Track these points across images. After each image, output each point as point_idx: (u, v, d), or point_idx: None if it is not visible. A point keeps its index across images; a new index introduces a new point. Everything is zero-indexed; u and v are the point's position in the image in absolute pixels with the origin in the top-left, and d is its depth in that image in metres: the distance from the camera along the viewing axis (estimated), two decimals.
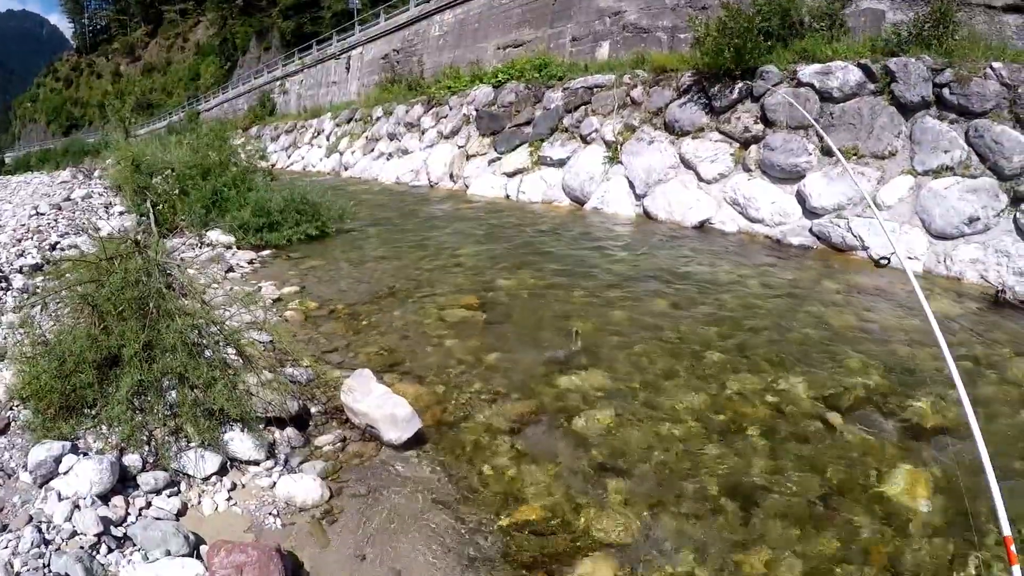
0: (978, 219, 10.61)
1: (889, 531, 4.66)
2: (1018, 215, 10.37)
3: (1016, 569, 2.80)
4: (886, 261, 5.39)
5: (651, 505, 4.84)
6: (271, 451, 5.07)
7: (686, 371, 6.97)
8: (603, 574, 4.18)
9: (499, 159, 20.93)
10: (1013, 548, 2.89)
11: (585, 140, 18.41)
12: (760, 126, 14.29)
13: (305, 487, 4.68)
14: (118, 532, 3.96)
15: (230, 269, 10.83)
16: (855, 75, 13.11)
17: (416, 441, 5.47)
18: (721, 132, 15.13)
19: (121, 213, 15.70)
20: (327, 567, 4.10)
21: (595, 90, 19.06)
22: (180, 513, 4.33)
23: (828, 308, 8.99)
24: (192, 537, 3.98)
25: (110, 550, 3.80)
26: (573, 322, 8.29)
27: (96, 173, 27.32)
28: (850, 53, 13.76)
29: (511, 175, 19.92)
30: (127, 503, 4.21)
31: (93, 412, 4.77)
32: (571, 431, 5.84)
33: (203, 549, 3.91)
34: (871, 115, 12.64)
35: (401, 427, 5.40)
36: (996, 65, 11.55)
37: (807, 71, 13.81)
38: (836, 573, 4.27)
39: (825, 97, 13.40)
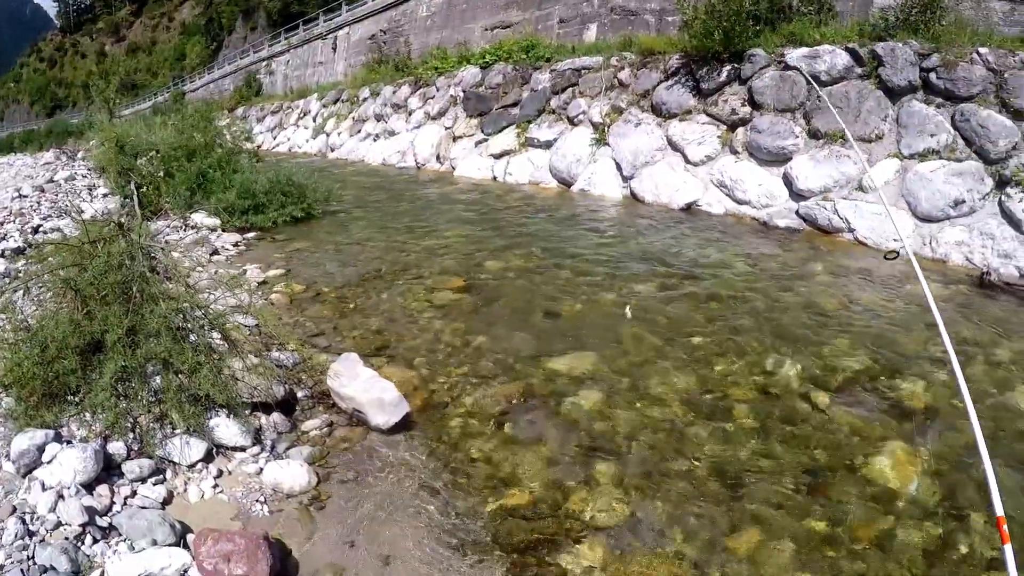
0: (964, 202, 10.66)
1: (878, 511, 4.68)
2: (1003, 198, 10.42)
3: (1008, 548, 2.80)
4: (894, 255, 5.34)
5: (640, 488, 4.85)
6: (257, 437, 5.04)
7: (674, 353, 6.98)
8: (593, 557, 4.19)
9: (486, 140, 20.82)
10: (1005, 528, 2.89)
11: (572, 122, 18.35)
12: (747, 108, 14.26)
13: (292, 473, 4.66)
14: (103, 522, 3.92)
15: (215, 252, 10.75)
16: (843, 59, 13.10)
17: (404, 425, 5.46)
18: (708, 114, 15.10)
19: (105, 195, 15.57)
20: (315, 554, 4.09)
21: (582, 72, 18.97)
22: (166, 501, 4.30)
23: (815, 290, 9.02)
24: (178, 526, 3.95)
25: (95, 541, 3.77)
26: (561, 304, 8.32)
27: (80, 154, 27.08)
28: (838, 37, 13.75)
29: (498, 157, 19.83)
30: (112, 492, 4.18)
31: (77, 399, 4.73)
32: (559, 414, 5.84)
33: (190, 538, 3.89)
34: (858, 99, 12.62)
35: (388, 411, 5.39)
36: (983, 50, 11.58)
37: (795, 55, 13.78)
38: (825, 553, 4.29)
39: (812, 80, 13.27)
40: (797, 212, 12.44)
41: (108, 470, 4.34)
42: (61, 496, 3.94)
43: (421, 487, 4.80)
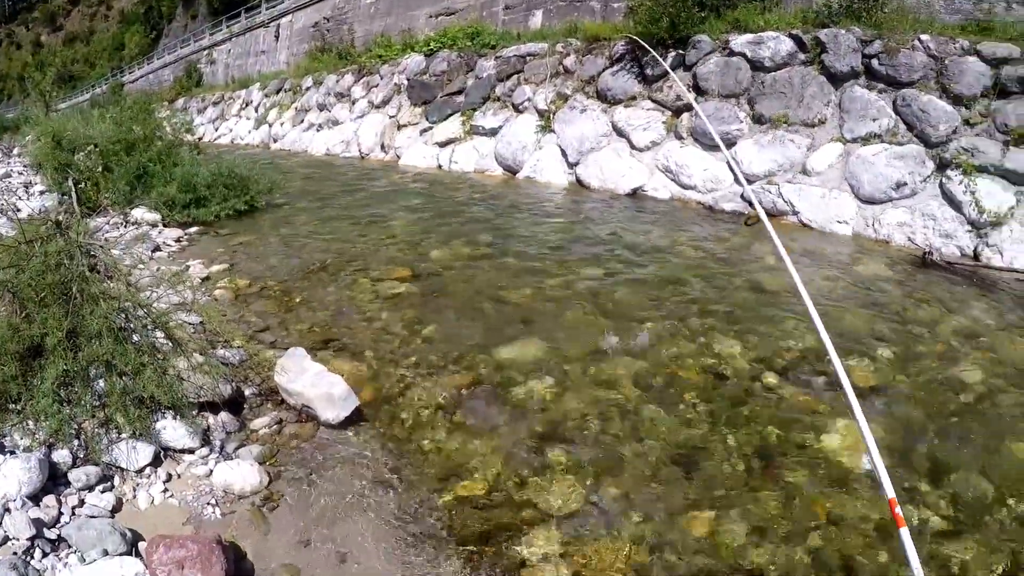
0: (905, 184, 10.87)
1: (831, 488, 4.76)
2: (944, 180, 10.65)
3: (904, 532, 2.79)
4: (755, 220, 5.39)
5: (594, 473, 4.87)
6: (206, 438, 4.95)
7: (623, 337, 7.00)
8: (550, 544, 4.20)
9: (431, 129, 20.70)
10: (899, 510, 2.89)
11: (518, 109, 18.32)
12: (692, 94, 14.28)
13: (243, 473, 4.58)
14: (52, 534, 3.82)
15: (156, 248, 10.52)
16: (786, 45, 13.24)
17: (354, 419, 5.40)
18: (653, 100, 15.15)
19: (42, 192, 15.23)
20: (271, 555, 4.04)
21: (528, 59, 18.92)
22: (115, 509, 4.21)
23: (761, 272, 9.10)
24: (129, 534, 3.87)
25: (44, 554, 3.67)
26: (508, 291, 8.29)
27: (15, 151, 26.50)
28: (782, 24, 13.87)
29: (443, 145, 19.74)
30: (59, 502, 4.07)
31: (18, 407, 4.59)
32: (510, 402, 5.82)
33: (142, 546, 3.81)
34: (801, 84, 12.78)
35: (338, 406, 5.32)
36: (924, 37, 11.80)
37: (739, 41, 13.89)
38: (780, 530, 4.36)
39: (757, 66, 13.52)
40: (742, 196, 12.52)
41: (54, 479, 4.23)
42: (7, 509, 3.82)
43: (374, 481, 4.76)
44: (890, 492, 2.93)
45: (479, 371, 6.33)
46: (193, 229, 12.03)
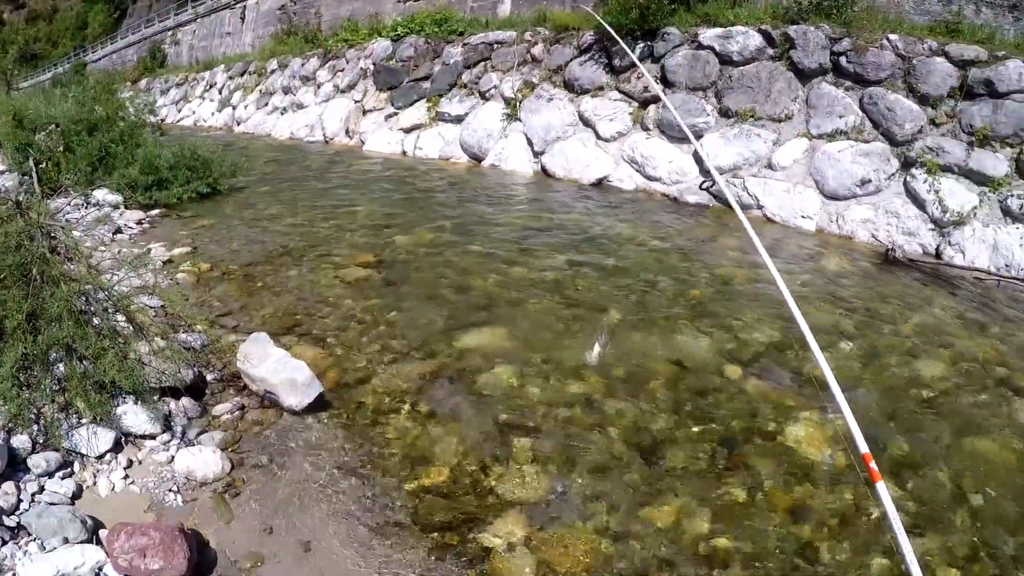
0: (870, 181, 11.01)
1: (793, 480, 4.81)
2: (908, 179, 10.82)
3: (880, 486, 2.80)
4: (710, 183, 5.35)
5: (558, 462, 4.88)
6: (167, 423, 4.86)
7: (586, 328, 7.01)
8: (515, 533, 4.19)
9: (396, 114, 20.56)
10: (873, 464, 2.91)
11: (484, 96, 18.24)
12: (660, 86, 14.29)
13: (205, 460, 4.51)
14: (11, 521, 3.74)
15: (118, 230, 10.32)
16: (755, 40, 13.32)
17: (317, 406, 5.33)
18: (621, 91, 15.17)
19: (1, 172, 14.99)
20: (234, 543, 3.98)
21: (496, 46, 18.85)
22: (76, 496, 4.12)
23: (725, 265, 9.16)
24: (90, 521, 3.79)
25: (4, 542, 3.60)
26: (472, 279, 8.28)
27: None
28: (751, 19, 13.93)
29: (408, 131, 19.61)
30: (18, 489, 3.98)
31: None
32: (474, 390, 5.81)
33: (103, 533, 3.73)
34: (769, 79, 12.86)
35: (301, 392, 5.25)
36: (892, 37, 11.95)
37: (708, 34, 13.94)
38: (743, 521, 4.39)
39: (725, 60, 13.58)
40: (707, 188, 12.56)
41: (13, 465, 4.13)
42: None
43: (338, 469, 4.72)
44: (863, 447, 2.96)
45: (442, 358, 6.32)
46: (155, 211, 11.82)
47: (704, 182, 10.63)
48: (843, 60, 12.19)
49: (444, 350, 6.47)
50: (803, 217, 11.25)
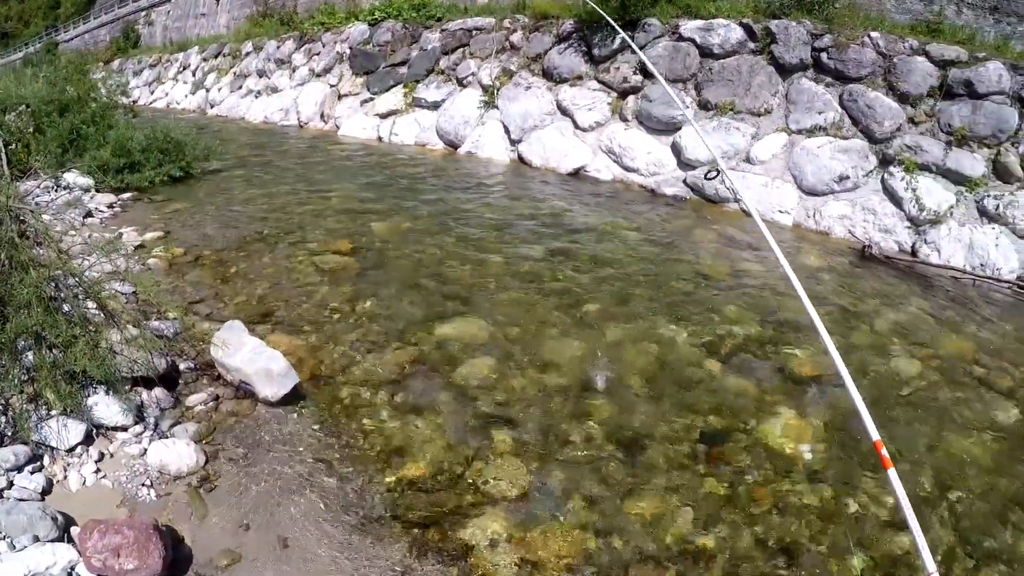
0: (848, 178, 11.03)
1: (774, 474, 4.81)
2: (886, 176, 10.86)
3: (892, 472, 2.78)
4: (714, 174, 5.33)
5: (539, 457, 4.84)
6: (140, 415, 4.73)
7: (565, 319, 6.98)
8: (496, 528, 4.16)
9: (372, 100, 20.38)
10: (884, 451, 2.88)
11: (462, 83, 18.10)
12: (639, 77, 14.32)
13: (178, 453, 4.39)
14: None
15: (88, 214, 10.11)
16: (737, 33, 13.29)
17: (293, 397, 5.24)
18: (600, 81, 15.08)
19: None
20: (210, 540, 3.88)
21: (474, 33, 18.70)
22: (45, 491, 3.98)
23: (703, 258, 9.18)
24: (61, 518, 3.66)
25: None
26: (449, 267, 8.23)
27: None
28: (733, 12, 13.90)
29: (384, 116, 19.43)
30: None
31: None
32: (453, 382, 5.77)
33: (74, 531, 3.61)
34: (750, 73, 12.86)
35: (277, 383, 5.15)
36: (874, 34, 11.99)
37: (689, 26, 13.89)
38: (725, 516, 4.38)
39: (705, 53, 13.54)
40: (684, 181, 12.60)
41: None
42: None
43: (315, 462, 4.64)
44: (875, 435, 2.92)
45: (420, 348, 6.26)
46: (126, 195, 11.60)
47: (708, 172, 10.66)
48: (824, 56, 12.20)
49: (422, 340, 6.41)
50: (780, 212, 11.26)
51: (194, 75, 33.81)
